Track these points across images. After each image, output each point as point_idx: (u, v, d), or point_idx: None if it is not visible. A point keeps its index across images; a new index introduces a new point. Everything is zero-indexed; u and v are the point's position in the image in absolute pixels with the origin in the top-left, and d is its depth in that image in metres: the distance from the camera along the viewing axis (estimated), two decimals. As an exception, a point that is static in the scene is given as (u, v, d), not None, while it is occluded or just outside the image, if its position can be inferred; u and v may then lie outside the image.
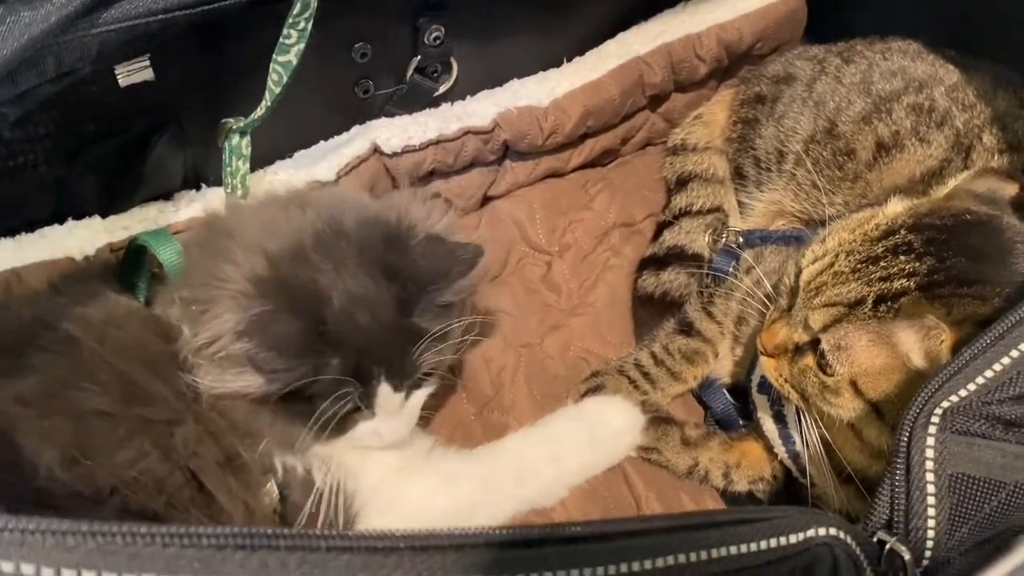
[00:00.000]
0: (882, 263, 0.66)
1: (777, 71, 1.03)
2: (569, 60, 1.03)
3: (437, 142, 0.95)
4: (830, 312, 0.68)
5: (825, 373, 0.69)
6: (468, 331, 0.74)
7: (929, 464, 0.49)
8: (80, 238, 0.78)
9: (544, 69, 1.02)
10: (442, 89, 0.99)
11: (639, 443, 0.86)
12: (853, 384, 0.68)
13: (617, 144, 1.08)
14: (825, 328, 0.68)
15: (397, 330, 0.66)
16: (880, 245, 0.67)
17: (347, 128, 0.95)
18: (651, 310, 0.97)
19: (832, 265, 0.69)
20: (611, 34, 1.04)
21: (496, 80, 1.01)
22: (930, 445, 0.49)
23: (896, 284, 0.65)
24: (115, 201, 0.82)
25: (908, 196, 0.74)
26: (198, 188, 0.88)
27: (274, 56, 0.76)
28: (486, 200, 1.06)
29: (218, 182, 0.85)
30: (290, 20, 0.74)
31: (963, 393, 0.51)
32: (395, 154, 0.94)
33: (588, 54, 1.03)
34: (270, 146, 0.88)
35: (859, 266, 0.67)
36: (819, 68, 0.98)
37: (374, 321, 0.65)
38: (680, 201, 1.03)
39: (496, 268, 1.01)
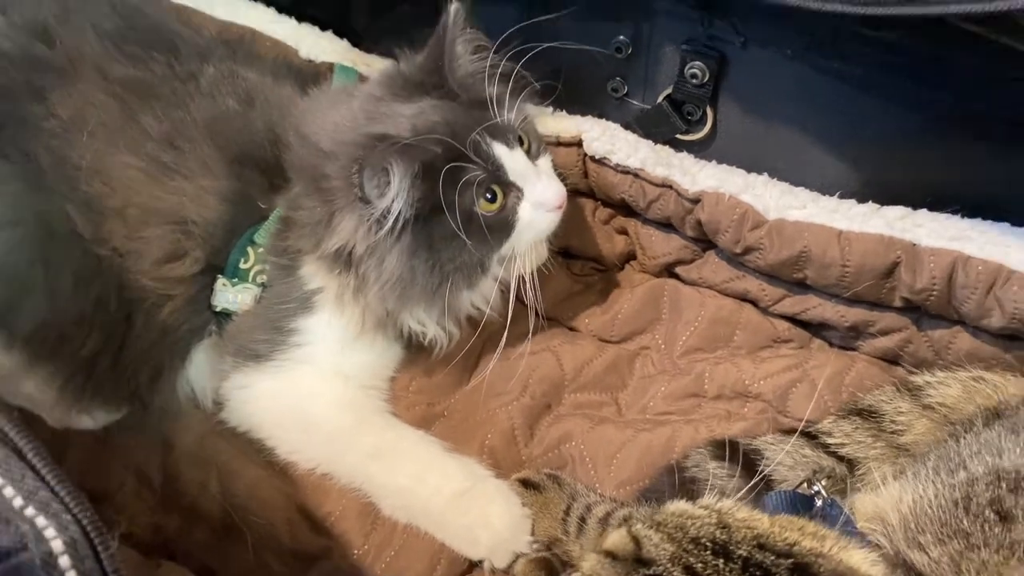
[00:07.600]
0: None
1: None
2: (842, 196, 0.81)
3: (637, 175, 0.86)
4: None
5: None
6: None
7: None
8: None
9: (809, 187, 0.83)
10: (689, 137, 0.87)
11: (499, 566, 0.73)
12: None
13: (841, 324, 0.82)
14: None
15: (462, 105, 0.74)
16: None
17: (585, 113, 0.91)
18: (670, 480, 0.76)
19: None
20: (913, 202, 0.79)
21: (752, 165, 0.85)
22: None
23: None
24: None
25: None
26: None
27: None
28: (671, 274, 0.93)
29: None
30: None
31: None
32: (594, 159, 0.88)
33: (868, 205, 0.80)
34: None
35: None
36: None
37: (445, 111, 0.72)
38: (832, 428, 0.76)
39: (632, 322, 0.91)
